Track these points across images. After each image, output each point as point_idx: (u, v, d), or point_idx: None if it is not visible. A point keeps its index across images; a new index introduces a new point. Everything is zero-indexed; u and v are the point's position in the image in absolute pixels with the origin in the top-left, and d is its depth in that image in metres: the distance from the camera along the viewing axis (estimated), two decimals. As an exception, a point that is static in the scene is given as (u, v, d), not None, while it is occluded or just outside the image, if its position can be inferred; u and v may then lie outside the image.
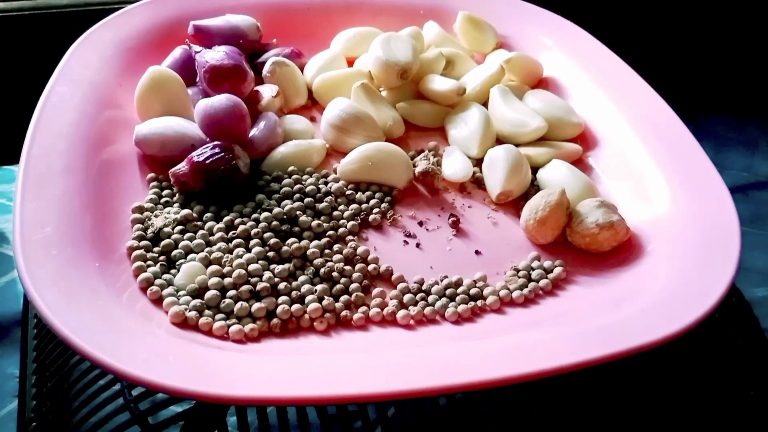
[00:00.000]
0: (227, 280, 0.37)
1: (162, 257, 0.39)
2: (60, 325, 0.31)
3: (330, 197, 0.43)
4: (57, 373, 0.42)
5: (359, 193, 0.44)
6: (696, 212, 0.41)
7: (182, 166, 0.42)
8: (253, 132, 0.46)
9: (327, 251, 0.40)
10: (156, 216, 0.41)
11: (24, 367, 0.43)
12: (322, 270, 0.39)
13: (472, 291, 0.39)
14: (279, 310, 0.37)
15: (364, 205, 0.44)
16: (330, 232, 0.41)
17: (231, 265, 0.38)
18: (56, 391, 0.41)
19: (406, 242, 0.42)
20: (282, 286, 0.38)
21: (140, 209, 0.41)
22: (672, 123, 0.47)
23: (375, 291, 0.39)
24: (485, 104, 0.50)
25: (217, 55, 0.48)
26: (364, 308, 0.38)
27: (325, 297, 0.38)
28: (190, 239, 0.40)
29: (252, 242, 0.40)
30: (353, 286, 0.39)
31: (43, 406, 0.41)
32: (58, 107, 0.44)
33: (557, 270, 0.40)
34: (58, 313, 0.32)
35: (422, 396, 0.35)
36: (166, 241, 0.39)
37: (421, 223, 0.43)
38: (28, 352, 0.44)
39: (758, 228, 0.73)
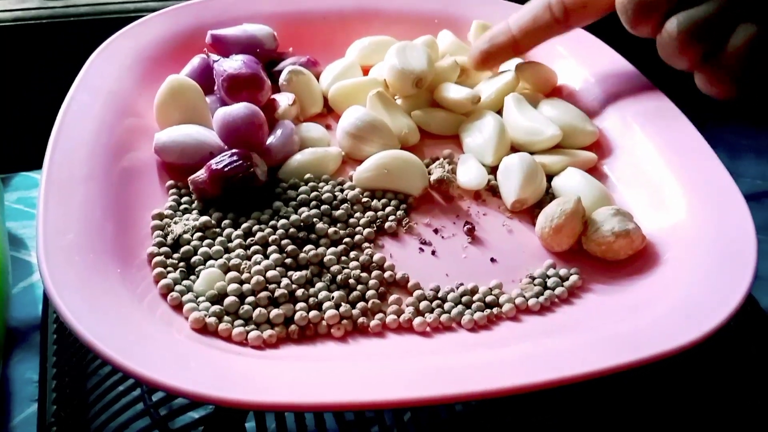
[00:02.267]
0: (246, 287, 0.38)
1: (182, 263, 0.39)
2: (84, 331, 0.32)
3: (346, 204, 0.44)
4: (77, 379, 0.42)
5: (375, 201, 0.45)
6: (712, 220, 0.41)
7: (201, 174, 0.43)
8: (270, 140, 0.46)
9: (343, 258, 0.41)
10: (175, 223, 0.41)
11: (44, 372, 0.44)
12: (339, 277, 0.39)
13: (488, 298, 0.39)
14: (297, 316, 0.37)
15: (379, 213, 0.44)
16: (346, 239, 0.42)
17: (249, 272, 0.38)
18: (76, 396, 0.42)
19: (421, 249, 0.42)
20: (299, 292, 0.38)
21: (160, 216, 0.42)
22: (687, 131, 0.47)
23: (391, 298, 0.39)
24: (500, 112, 0.51)
25: (234, 64, 0.48)
26: (380, 315, 0.38)
27: (342, 304, 0.38)
28: (209, 246, 0.40)
29: (270, 249, 0.40)
30: (370, 293, 0.39)
31: (63, 411, 0.42)
32: (79, 116, 0.45)
33: (573, 278, 0.41)
34: (82, 319, 0.33)
35: (439, 403, 0.36)
36: (186, 247, 0.40)
37: (436, 231, 0.44)
38: (48, 357, 0.45)
39: (772, 236, 0.73)
